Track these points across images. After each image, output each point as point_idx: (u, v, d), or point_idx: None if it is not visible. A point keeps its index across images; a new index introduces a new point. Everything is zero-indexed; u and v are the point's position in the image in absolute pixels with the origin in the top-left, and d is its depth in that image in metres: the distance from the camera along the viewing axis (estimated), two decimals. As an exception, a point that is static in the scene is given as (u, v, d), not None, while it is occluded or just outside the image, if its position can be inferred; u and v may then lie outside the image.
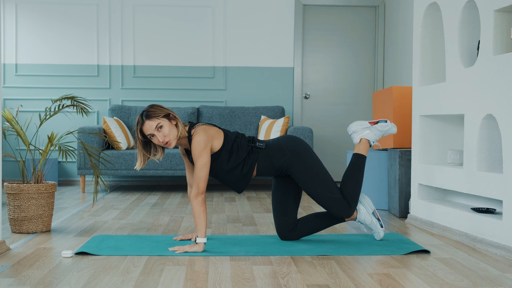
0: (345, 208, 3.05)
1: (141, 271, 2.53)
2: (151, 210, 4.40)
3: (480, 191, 3.15)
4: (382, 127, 3.22)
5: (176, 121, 2.94)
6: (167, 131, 2.88)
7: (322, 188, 3.03)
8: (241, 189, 3.08)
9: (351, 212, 3.07)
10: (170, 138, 2.89)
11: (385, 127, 3.22)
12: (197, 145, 2.87)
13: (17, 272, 2.50)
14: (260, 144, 3.05)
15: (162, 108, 2.94)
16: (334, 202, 3.04)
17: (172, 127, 2.90)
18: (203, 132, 2.90)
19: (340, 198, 3.05)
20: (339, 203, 3.04)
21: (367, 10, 6.76)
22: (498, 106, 3.00)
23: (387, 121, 3.25)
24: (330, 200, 3.04)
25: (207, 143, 2.89)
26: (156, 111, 2.90)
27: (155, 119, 2.88)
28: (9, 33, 6.40)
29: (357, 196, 3.09)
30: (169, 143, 2.90)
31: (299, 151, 3.05)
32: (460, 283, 2.37)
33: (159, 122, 2.88)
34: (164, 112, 2.91)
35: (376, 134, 3.22)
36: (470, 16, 3.43)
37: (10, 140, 6.25)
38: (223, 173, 3.02)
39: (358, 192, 3.10)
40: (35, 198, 3.39)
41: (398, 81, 6.12)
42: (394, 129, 3.26)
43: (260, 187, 6.21)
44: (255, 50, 6.60)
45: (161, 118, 2.89)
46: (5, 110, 3.59)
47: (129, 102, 6.49)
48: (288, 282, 2.35)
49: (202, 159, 2.87)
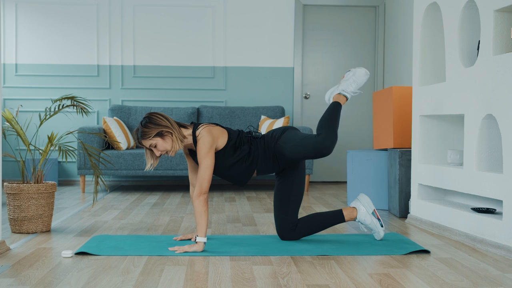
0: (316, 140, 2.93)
1: (141, 271, 2.53)
2: (151, 210, 4.40)
3: (480, 191, 3.15)
4: (348, 77, 3.19)
5: (170, 134, 2.94)
6: (162, 147, 2.94)
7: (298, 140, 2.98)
8: (244, 182, 3.13)
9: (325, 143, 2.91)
10: (166, 150, 2.96)
11: (351, 75, 3.18)
12: (203, 146, 2.92)
13: (17, 272, 2.50)
14: (257, 134, 3.12)
15: (154, 125, 2.92)
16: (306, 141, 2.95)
17: (166, 142, 2.94)
18: (208, 134, 2.95)
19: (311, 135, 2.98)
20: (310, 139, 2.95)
21: (367, 10, 6.76)
22: (498, 106, 3.00)
23: (351, 69, 3.22)
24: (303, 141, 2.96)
25: (213, 144, 2.94)
26: (147, 132, 2.92)
27: (148, 140, 2.93)
28: (9, 33, 6.40)
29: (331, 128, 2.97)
30: (169, 154, 2.98)
31: (284, 131, 3.11)
32: (460, 283, 2.37)
33: (151, 143, 2.94)
34: (156, 131, 2.91)
35: (345, 86, 3.17)
36: (470, 16, 3.43)
37: (10, 140, 6.25)
38: (227, 168, 3.07)
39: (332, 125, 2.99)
40: (35, 198, 3.39)
41: (398, 81, 6.12)
42: (360, 71, 3.18)
43: (260, 187, 6.21)
44: (255, 50, 6.60)
45: (153, 138, 2.92)
46: (5, 110, 3.59)
47: (129, 102, 6.49)
48: (288, 282, 2.35)
49: (207, 160, 2.91)
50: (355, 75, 3.19)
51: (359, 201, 3.18)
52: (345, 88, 3.18)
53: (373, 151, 4.60)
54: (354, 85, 3.18)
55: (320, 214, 3.21)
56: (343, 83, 3.20)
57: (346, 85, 3.18)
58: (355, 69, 3.21)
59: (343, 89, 3.18)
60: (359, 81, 3.18)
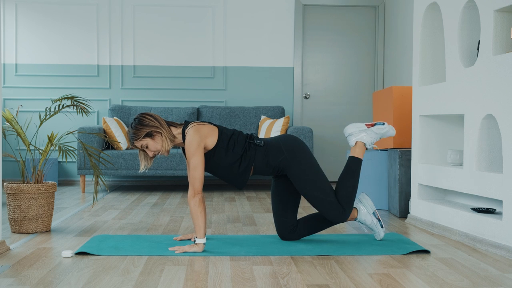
0: (339, 212, 3.02)
1: (141, 271, 2.53)
2: (151, 210, 4.40)
3: (480, 191, 3.15)
4: (379, 130, 3.17)
5: (160, 132, 2.94)
6: (153, 147, 2.96)
7: (317, 190, 3.01)
8: (241, 185, 3.07)
9: (345, 217, 3.04)
10: (158, 150, 2.97)
11: (382, 130, 3.17)
12: (189, 145, 2.90)
13: (17, 272, 2.50)
14: (258, 141, 3.04)
15: (143, 126, 2.93)
16: (329, 206, 3.01)
17: (156, 142, 2.95)
18: (195, 132, 2.92)
19: (334, 202, 3.02)
20: (333, 206, 3.01)
21: (367, 10, 6.76)
22: (498, 106, 3.00)
23: (385, 123, 3.19)
24: (325, 203, 3.01)
25: (200, 142, 2.91)
26: (137, 134, 2.93)
27: (138, 141, 2.95)
28: (9, 33, 6.40)
29: (352, 201, 3.05)
30: (161, 154, 2.99)
31: (296, 151, 3.04)
32: (460, 283, 2.37)
33: (141, 143, 2.95)
34: (145, 131, 2.93)
35: (372, 137, 3.17)
36: (470, 16, 3.43)
37: (10, 140, 6.25)
38: (220, 169, 3.03)
39: (353, 197, 3.06)
40: (35, 198, 3.39)
41: (398, 81, 6.12)
42: (392, 131, 3.20)
43: (260, 187, 6.21)
44: (255, 50, 6.60)
45: (143, 139, 2.94)
46: (5, 110, 3.59)
47: (129, 102, 6.49)
48: (288, 282, 2.35)
49: (195, 159, 2.89)
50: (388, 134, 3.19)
51: (360, 201, 3.18)
52: (372, 141, 3.17)
53: (372, 151, 4.60)
54: (379, 139, 3.19)
55: (320, 214, 3.20)
56: (373, 134, 3.17)
57: (374, 138, 3.17)
58: (390, 126, 3.19)
59: (371, 142, 3.17)
60: (383, 137, 3.22)
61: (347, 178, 3.09)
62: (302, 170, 3.01)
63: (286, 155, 3.02)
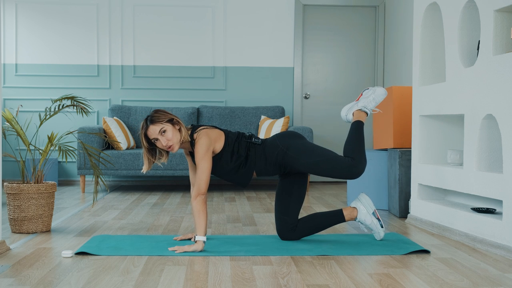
0: (349, 163, 3.03)
1: (141, 271, 2.53)
2: (151, 210, 4.40)
3: (480, 191, 3.15)
4: (367, 94, 3.26)
5: (180, 126, 2.99)
6: (170, 135, 2.94)
7: (320, 157, 3.04)
8: (246, 184, 3.14)
9: (356, 166, 3.03)
10: (173, 142, 2.95)
11: (369, 93, 3.26)
12: (200, 149, 2.93)
13: (17, 272, 2.50)
14: (256, 140, 3.11)
15: (166, 113, 2.99)
16: (336, 162, 3.03)
17: (175, 131, 2.96)
18: (206, 136, 2.97)
19: (341, 157, 3.05)
20: (341, 161, 3.04)
21: (367, 10, 6.76)
22: (498, 106, 3.00)
23: (369, 88, 3.29)
24: (331, 162, 3.03)
25: (210, 146, 2.96)
26: (160, 116, 2.96)
27: (159, 124, 2.94)
28: (9, 33, 6.40)
29: (360, 152, 3.07)
30: (172, 148, 2.96)
31: (290, 140, 3.10)
32: (460, 283, 2.37)
33: (162, 127, 2.94)
34: (168, 117, 2.97)
35: (365, 103, 3.24)
36: (470, 16, 3.43)
37: (10, 140, 6.25)
38: (226, 172, 3.09)
39: (361, 149, 3.08)
40: (35, 198, 3.39)
41: (398, 81, 6.13)
42: (379, 90, 3.26)
43: (260, 187, 6.21)
44: (255, 50, 6.60)
45: (165, 123, 2.95)
46: (5, 110, 3.59)
47: (129, 102, 6.49)
48: (288, 282, 2.35)
49: (204, 162, 2.93)
50: (375, 93, 3.26)
51: (359, 201, 3.18)
52: (365, 105, 3.24)
53: (373, 151, 4.60)
54: (373, 103, 3.25)
55: (320, 214, 3.21)
56: (363, 100, 3.26)
57: (366, 102, 3.25)
58: (375, 88, 3.28)
59: (364, 105, 3.23)
60: (378, 99, 3.26)
61: (352, 136, 3.14)
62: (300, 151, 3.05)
63: (281, 147, 3.07)
